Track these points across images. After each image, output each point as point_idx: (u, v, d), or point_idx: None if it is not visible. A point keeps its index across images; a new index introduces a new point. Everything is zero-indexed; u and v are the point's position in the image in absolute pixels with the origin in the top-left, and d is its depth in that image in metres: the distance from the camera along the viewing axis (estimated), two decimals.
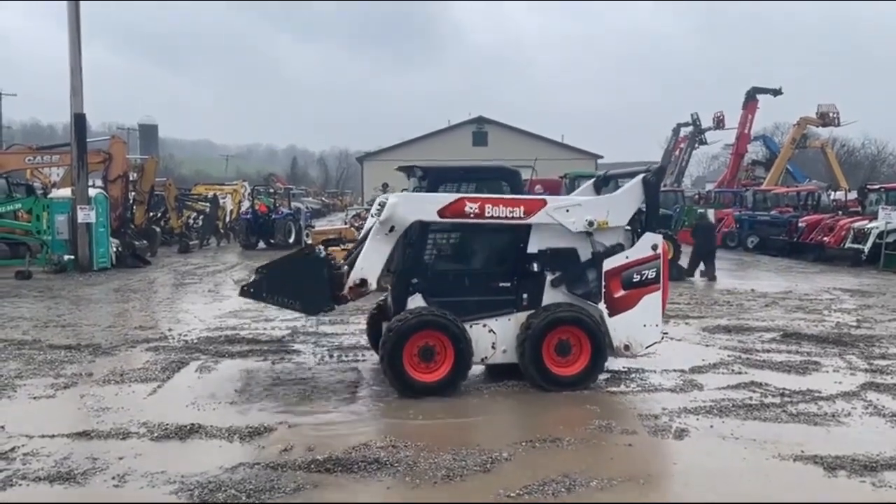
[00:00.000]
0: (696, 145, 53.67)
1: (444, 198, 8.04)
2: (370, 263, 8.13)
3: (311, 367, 9.24)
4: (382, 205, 8.08)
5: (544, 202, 8.21)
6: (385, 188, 31.91)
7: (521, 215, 8.09)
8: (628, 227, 8.51)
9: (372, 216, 8.17)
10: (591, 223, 8.15)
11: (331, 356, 9.81)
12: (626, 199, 8.39)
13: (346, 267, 8.48)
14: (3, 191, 23.23)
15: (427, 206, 8.00)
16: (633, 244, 8.37)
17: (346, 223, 28.77)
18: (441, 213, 7.96)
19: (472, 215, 7.97)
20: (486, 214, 7.99)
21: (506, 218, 8.05)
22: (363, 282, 8.09)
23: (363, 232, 8.62)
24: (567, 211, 8.20)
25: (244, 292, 8.54)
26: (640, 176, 8.38)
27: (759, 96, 43.58)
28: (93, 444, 6.38)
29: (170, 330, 11.63)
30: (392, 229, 8.01)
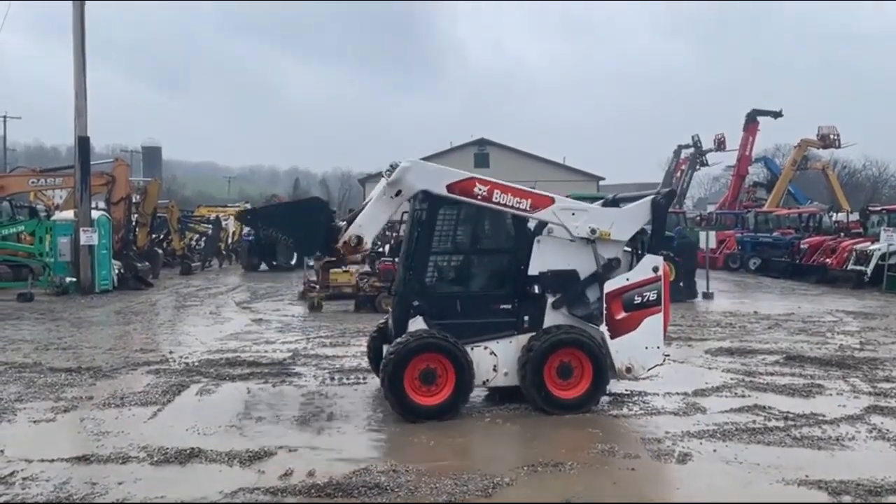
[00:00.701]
0: (698, 167, 53.76)
1: (456, 173, 8.09)
2: (369, 223, 8.13)
3: (312, 390, 9.20)
4: (394, 167, 8.07)
5: (552, 200, 8.23)
6: None
7: (528, 208, 8.12)
8: (628, 248, 8.50)
9: (382, 176, 8.15)
10: (593, 231, 8.15)
11: (332, 379, 9.78)
12: (632, 216, 8.41)
13: (344, 222, 8.45)
14: (7, 213, 23.33)
15: (437, 177, 8.03)
16: (631, 265, 8.36)
17: None
18: (450, 188, 7.99)
19: (479, 197, 8.00)
20: (494, 199, 8.02)
21: (512, 207, 8.07)
22: (359, 239, 8.06)
23: (371, 195, 8.56)
24: (573, 214, 8.21)
25: (241, 217, 8.49)
26: (650, 197, 8.44)
27: (759, 118, 43.75)
28: (92, 468, 6.34)
29: (171, 352, 11.61)
30: (399, 193, 8.02)
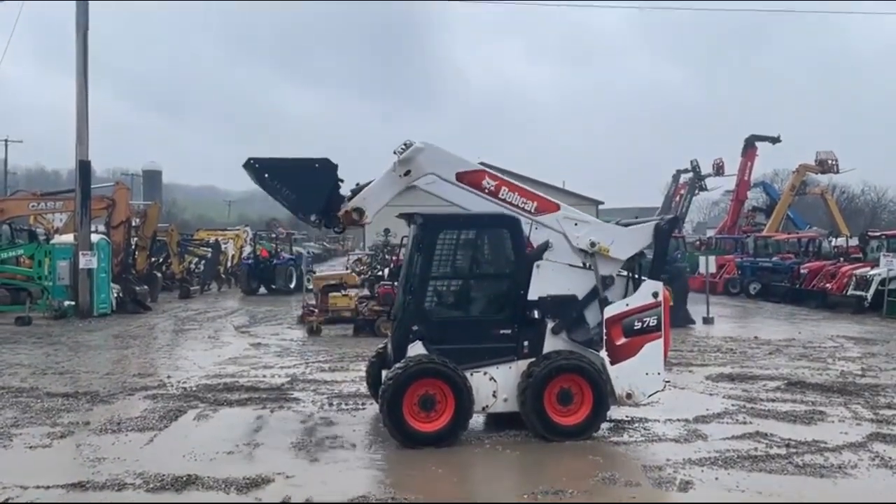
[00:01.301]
0: (697, 191, 53.84)
1: (468, 163, 8.18)
2: (373, 197, 8.14)
3: (311, 415, 9.14)
4: (407, 145, 8.08)
5: (558, 207, 8.28)
6: (387, 234, 32.04)
7: (532, 211, 8.15)
8: (624, 273, 8.47)
9: (394, 153, 8.15)
10: (593, 244, 8.17)
11: (330, 404, 9.71)
12: (633, 236, 8.43)
13: (349, 193, 8.40)
14: (6, 237, 23.33)
15: (448, 164, 8.09)
16: (626, 290, 8.33)
17: (347, 268, 28.78)
18: (459, 176, 8.05)
19: (486, 191, 8.06)
20: (500, 196, 8.08)
21: (516, 206, 8.11)
22: (360, 212, 8.06)
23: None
24: (576, 224, 8.25)
25: (248, 164, 8.16)
26: (654, 222, 8.50)
27: (757, 143, 43.90)
28: (88, 495, 6.28)
29: (168, 377, 11.54)
30: (408, 173, 8.03)
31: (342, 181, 8.38)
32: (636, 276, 8.44)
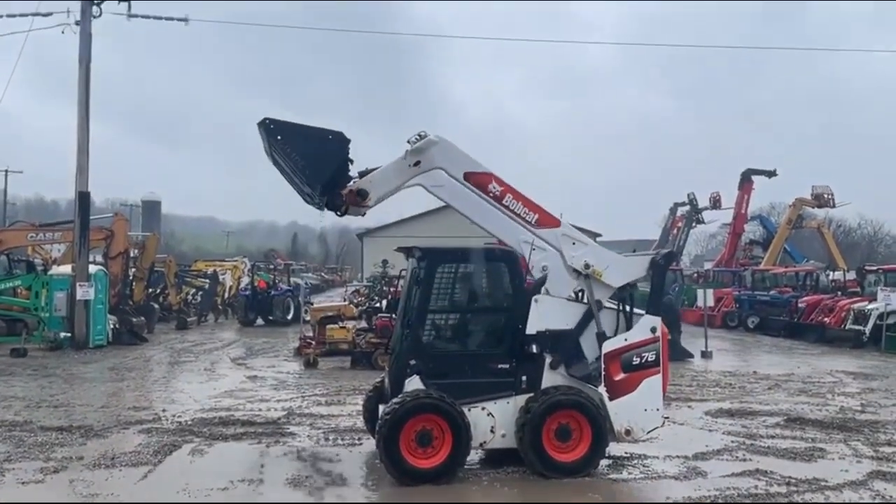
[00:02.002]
0: (694, 224, 54.00)
1: (477, 165, 8.25)
2: (380, 181, 8.16)
3: (307, 450, 9.05)
4: (421, 136, 8.12)
5: (559, 223, 8.32)
6: (385, 265, 32.06)
7: (533, 223, 8.19)
8: (613, 305, 8.45)
9: (408, 142, 8.19)
10: (587, 266, 8.18)
11: (327, 439, 9.63)
12: (628, 265, 8.46)
13: (357, 175, 8.35)
14: (4, 267, 23.28)
15: (458, 162, 8.17)
16: (616, 323, 8.30)
17: (345, 300, 28.70)
18: (466, 176, 8.13)
19: (491, 195, 8.14)
20: (504, 202, 8.16)
21: (518, 215, 8.16)
22: (364, 193, 8.05)
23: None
24: (573, 244, 8.27)
25: (263, 123, 8.07)
26: (650, 256, 8.55)
27: (754, 177, 44.15)
28: None
29: (163, 410, 11.45)
30: (417, 163, 8.07)
31: (352, 161, 8.36)
32: (627, 308, 8.40)
